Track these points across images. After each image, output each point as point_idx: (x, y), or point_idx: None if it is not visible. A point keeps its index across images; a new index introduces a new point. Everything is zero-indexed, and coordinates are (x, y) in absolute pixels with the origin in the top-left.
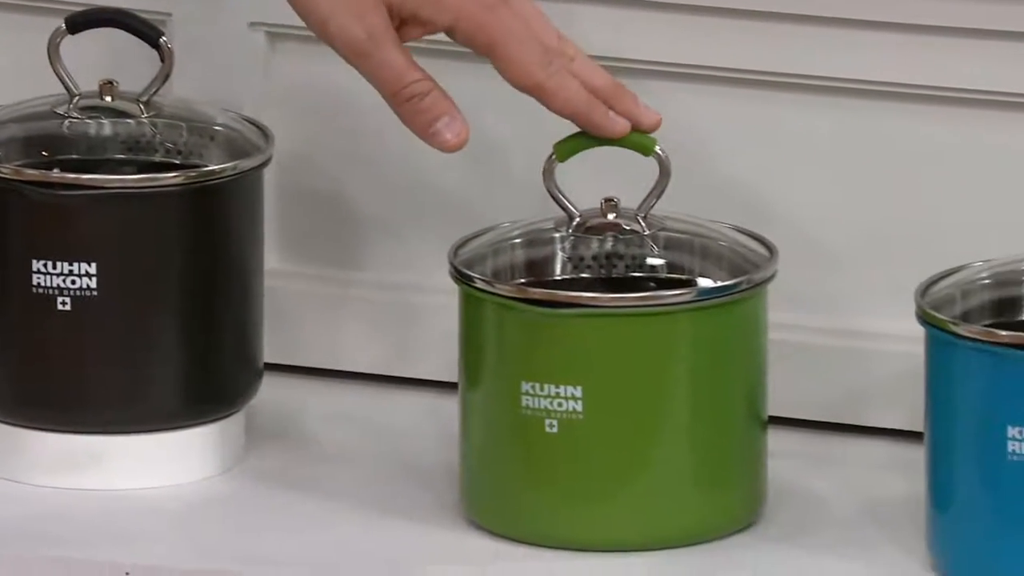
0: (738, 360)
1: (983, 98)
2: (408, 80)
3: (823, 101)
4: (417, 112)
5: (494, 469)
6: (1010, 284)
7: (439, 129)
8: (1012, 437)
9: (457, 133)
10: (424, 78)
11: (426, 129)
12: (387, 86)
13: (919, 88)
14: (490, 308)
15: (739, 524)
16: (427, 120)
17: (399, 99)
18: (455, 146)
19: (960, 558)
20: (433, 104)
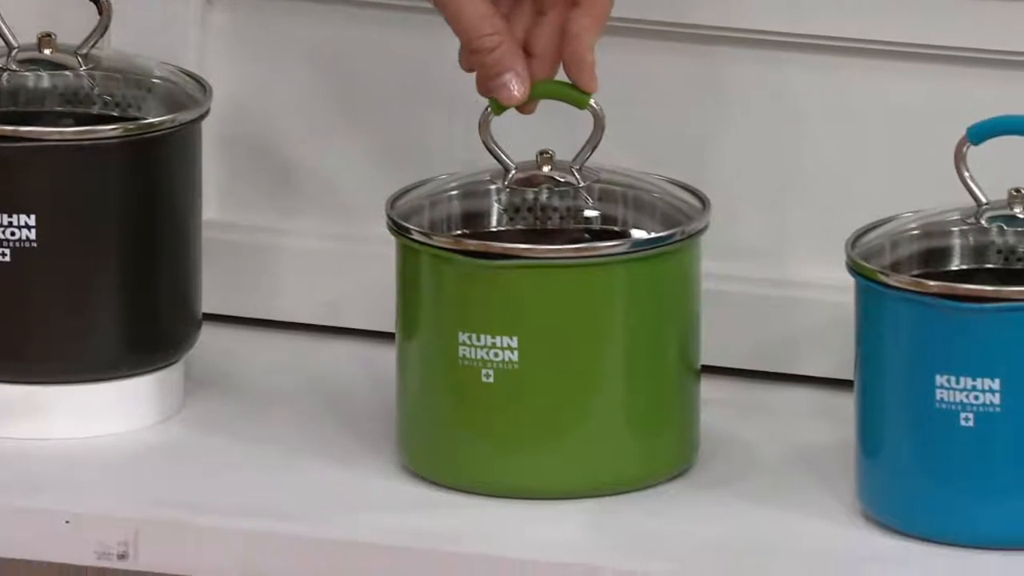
0: (672, 310)
1: (907, 51)
2: (481, 32)
3: (756, 55)
4: (483, 65)
5: (431, 418)
6: (939, 235)
7: (500, 84)
8: (940, 385)
9: (519, 89)
10: (496, 32)
11: (486, 83)
12: (462, 35)
13: (845, 41)
14: (427, 259)
15: (673, 471)
16: (490, 74)
17: (469, 49)
18: (514, 101)
19: (888, 503)
20: (500, 59)
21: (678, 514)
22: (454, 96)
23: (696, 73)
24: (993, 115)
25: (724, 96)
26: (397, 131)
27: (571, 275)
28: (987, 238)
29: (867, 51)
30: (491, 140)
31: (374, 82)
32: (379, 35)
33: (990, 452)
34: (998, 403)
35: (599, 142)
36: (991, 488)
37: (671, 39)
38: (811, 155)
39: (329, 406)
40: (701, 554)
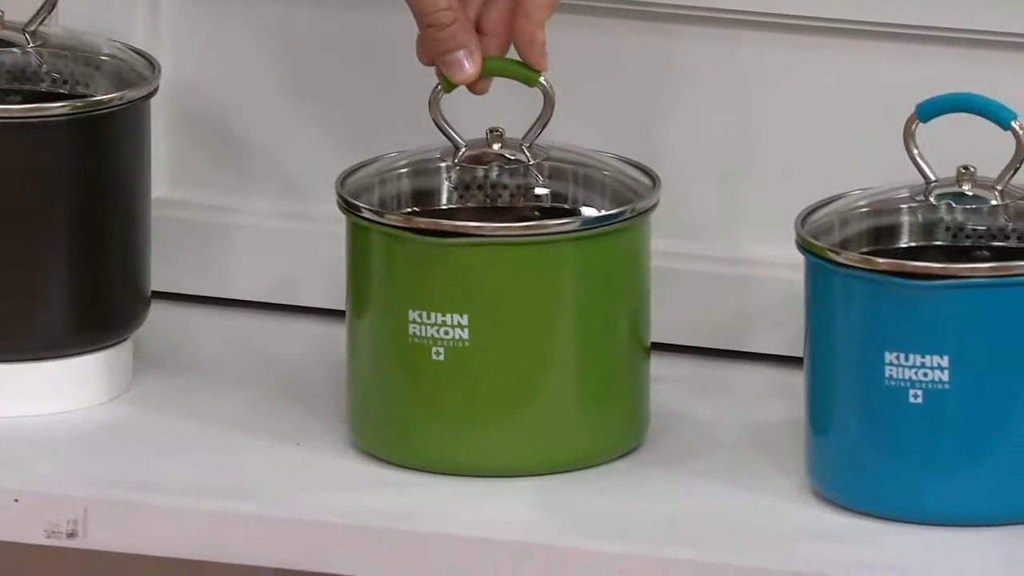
0: (622, 288)
1: (858, 28)
2: (435, 8)
3: (707, 32)
4: (435, 40)
5: (382, 397)
6: (888, 212)
7: (452, 61)
8: (889, 362)
9: (469, 68)
10: (449, 8)
11: (439, 58)
12: (418, 11)
13: (796, 19)
14: (377, 237)
15: (624, 449)
16: (442, 49)
17: (422, 25)
18: (464, 78)
19: (838, 480)
20: (453, 35)
21: (629, 491)
22: (404, 74)
23: (647, 51)
24: (942, 92)
25: (675, 74)
26: (347, 109)
27: (521, 253)
28: (936, 215)
29: (818, 28)
30: (441, 118)
31: (324, 60)
32: (330, 13)
33: (939, 429)
34: (947, 380)
35: (549, 120)
36: (940, 465)
37: (621, 16)
38: (762, 133)
39: (280, 384)
40: (651, 531)
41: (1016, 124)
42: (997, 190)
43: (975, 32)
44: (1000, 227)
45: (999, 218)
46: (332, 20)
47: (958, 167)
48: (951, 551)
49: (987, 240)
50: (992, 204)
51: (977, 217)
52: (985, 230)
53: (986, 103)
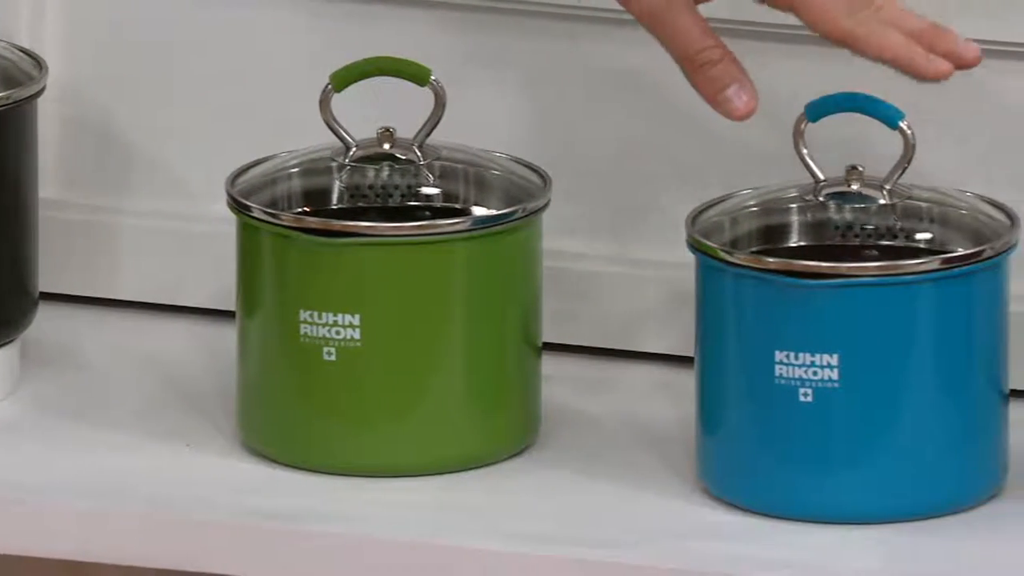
0: (513, 287)
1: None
2: (702, 46)
3: (596, 31)
4: (709, 80)
5: (273, 397)
6: (777, 212)
7: (728, 96)
8: (779, 361)
9: (746, 102)
10: (717, 44)
11: (715, 96)
12: (680, 50)
13: None
14: (268, 237)
15: (515, 448)
16: (718, 87)
17: (692, 64)
18: (743, 115)
19: (728, 479)
20: (724, 72)
21: (520, 491)
22: (294, 72)
23: (538, 50)
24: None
25: (564, 74)
26: (237, 109)
27: (412, 253)
28: (825, 215)
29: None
30: (331, 118)
31: (213, 60)
32: (217, 13)
33: (829, 428)
34: (836, 379)
35: (440, 119)
36: (830, 463)
37: (512, 15)
38: (652, 133)
39: (168, 385)
40: (543, 530)
41: (904, 124)
42: (885, 189)
43: None
44: (888, 226)
45: (887, 217)
46: (220, 18)
47: (847, 167)
48: (839, 549)
49: (876, 239)
50: (880, 203)
51: (865, 216)
52: (873, 229)
53: (874, 103)
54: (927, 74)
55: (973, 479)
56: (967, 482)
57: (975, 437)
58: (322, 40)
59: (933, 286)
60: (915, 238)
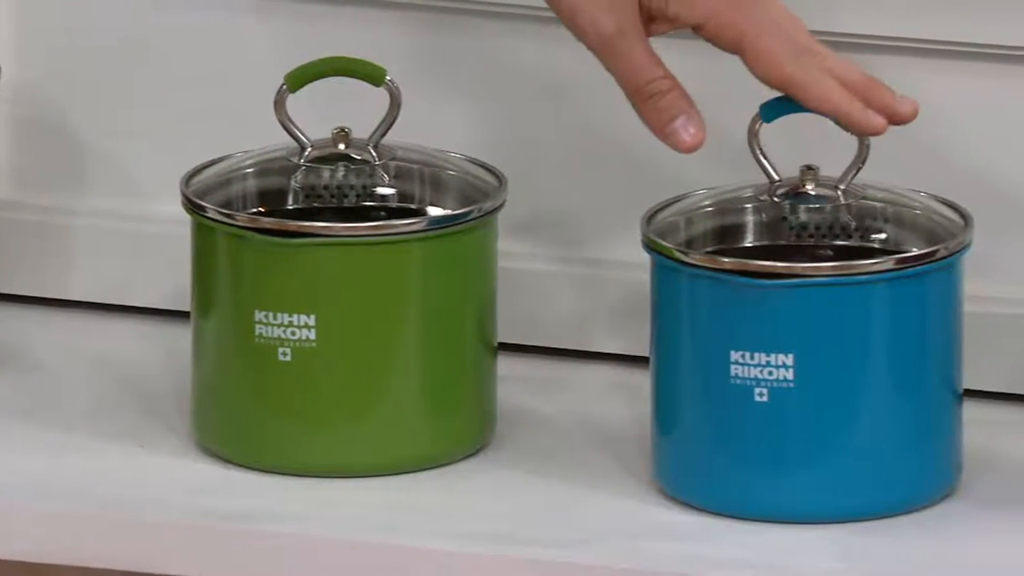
0: (469, 288)
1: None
2: (650, 77)
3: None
4: (656, 111)
5: (227, 397)
6: (732, 212)
7: (676, 128)
8: (734, 361)
9: (693, 135)
10: (666, 76)
11: (663, 128)
12: (629, 82)
13: None
14: (223, 238)
15: (470, 448)
16: (665, 120)
17: (640, 96)
18: (691, 147)
19: (683, 479)
20: (672, 103)
21: (475, 491)
22: (248, 73)
23: (493, 50)
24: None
25: (520, 74)
26: (191, 109)
27: (368, 253)
28: (780, 214)
29: None
30: (286, 118)
31: (167, 61)
32: (171, 14)
33: (784, 427)
34: (791, 379)
35: (395, 120)
36: (785, 463)
37: (467, 15)
38: (607, 133)
39: (122, 386)
40: (498, 530)
41: None
42: (840, 189)
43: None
44: (843, 226)
45: (842, 217)
46: (175, 20)
47: (801, 167)
48: (795, 549)
49: (830, 239)
50: (835, 204)
51: (820, 216)
52: (828, 229)
53: None
54: (863, 129)
55: (927, 479)
56: (921, 481)
57: (929, 437)
58: (277, 41)
59: (887, 286)
60: (870, 238)
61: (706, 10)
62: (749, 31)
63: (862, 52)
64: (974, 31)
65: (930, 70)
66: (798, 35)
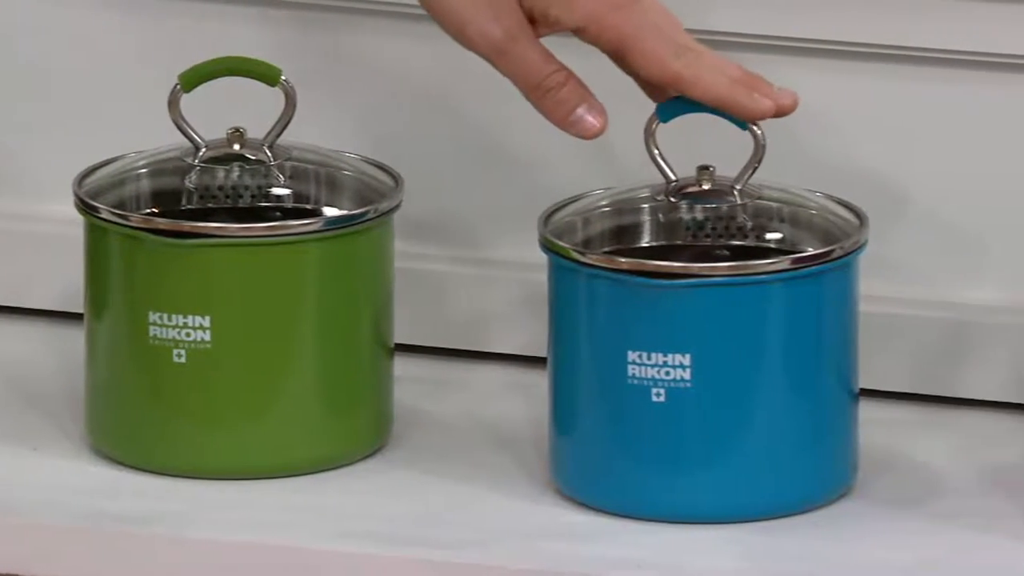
0: (365, 288)
1: None
2: (544, 74)
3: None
4: (556, 104)
5: (121, 399)
6: (630, 212)
7: (578, 117)
8: (632, 361)
9: (595, 120)
10: (559, 69)
11: (565, 119)
12: (525, 82)
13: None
14: (116, 239)
15: (368, 449)
16: (566, 111)
17: (538, 93)
18: (596, 132)
19: (581, 479)
20: (570, 95)
21: (372, 492)
22: (144, 73)
23: (391, 50)
24: None
25: (416, 74)
26: (85, 109)
27: (263, 254)
28: (676, 215)
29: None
30: (181, 118)
31: (61, 59)
32: (64, 11)
33: (681, 427)
34: (689, 379)
35: (290, 120)
36: (682, 463)
37: (366, 15)
38: (504, 132)
39: (13, 388)
40: (395, 531)
41: (754, 124)
42: (736, 189)
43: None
44: (739, 226)
45: (738, 217)
46: (68, 17)
47: (698, 167)
48: (691, 548)
49: (727, 239)
50: (731, 203)
51: (716, 216)
52: (725, 229)
53: None
54: (752, 113)
55: (824, 478)
56: (818, 481)
57: (826, 436)
58: (172, 40)
59: (783, 286)
60: (766, 238)
61: (586, 13)
62: (630, 33)
63: (744, 51)
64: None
65: (823, 70)
66: (677, 35)
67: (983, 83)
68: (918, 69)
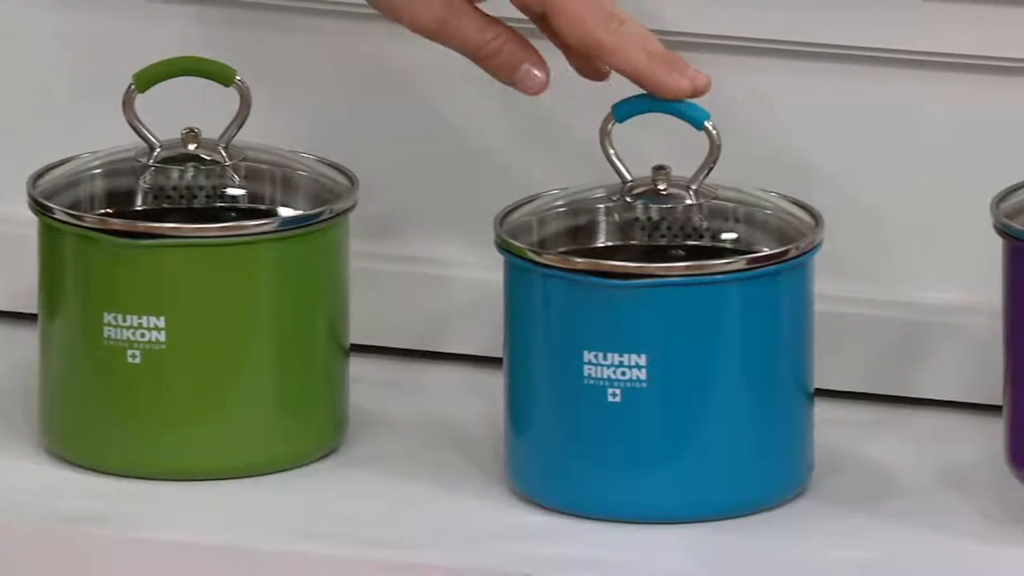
0: (321, 289)
1: None
2: (484, 40)
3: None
4: (500, 67)
5: (76, 400)
6: (585, 212)
7: (522, 75)
8: (588, 362)
9: (539, 76)
10: (496, 36)
11: (510, 78)
12: (467, 52)
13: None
14: (71, 239)
15: (323, 450)
16: (509, 71)
17: (480, 60)
18: (539, 87)
19: (538, 479)
20: (510, 57)
21: (328, 492)
22: (98, 73)
23: (343, 50)
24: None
25: (371, 74)
26: (38, 109)
27: (218, 254)
28: (632, 215)
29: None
30: (135, 118)
31: (12, 60)
32: (18, 11)
33: (637, 428)
34: (644, 379)
35: (246, 119)
36: (638, 463)
37: (321, 16)
38: (459, 133)
39: None
40: (350, 532)
41: (709, 124)
42: (692, 189)
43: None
44: (695, 226)
45: (693, 217)
46: (21, 16)
47: (653, 167)
48: (648, 548)
49: (682, 239)
50: (687, 203)
51: (672, 216)
52: (680, 229)
53: (679, 104)
54: (667, 90)
55: (779, 478)
56: (773, 481)
57: (781, 436)
58: (127, 40)
59: (739, 286)
60: (721, 238)
61: None
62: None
63: (698, 51)
64: (821, 32)
65: (776, 70)
66: (605, 1)
67: (938, 84)
68: (874, 70)
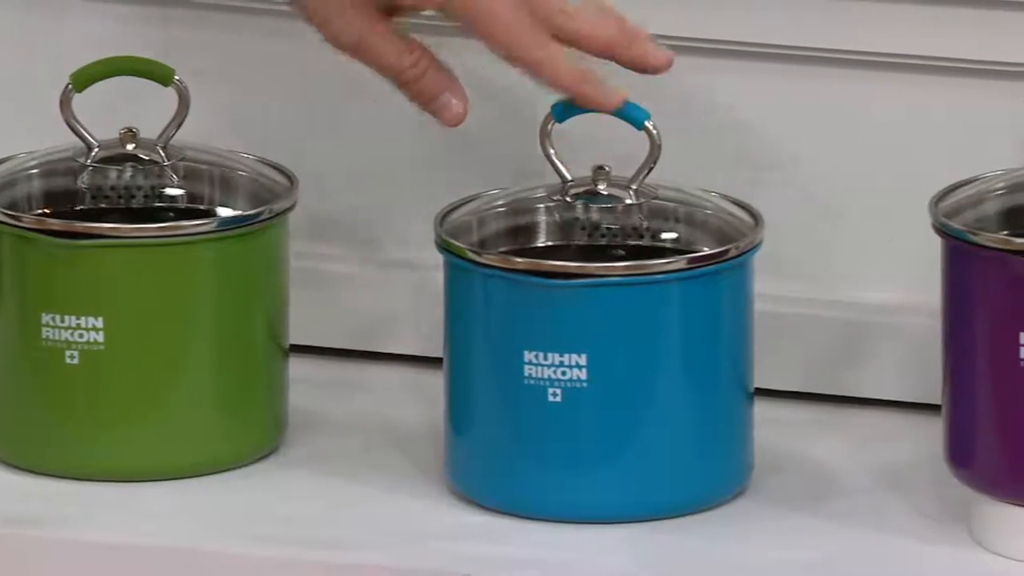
0: (260, 289)
1: None
2: (403, 66)
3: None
4: (419, 93)
5: (13, 401)
6: (525, 212)
7: (441, 105)
8: (528, 361)
9: (456, 106)
10: (415, 63)
11: (429, 106)
12: (387, 75)
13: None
14: (8, 240)
15: (262, 451)
16: (428, 99)
17: (400, 85)
18: (457, 119)
19: (478, 479)
20: (429, 85)
21: (267, 493)
22: (35, 73)
23: (283, 50)
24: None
25: (311, 74)
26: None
27: (156, 255)
28: (572, 214)
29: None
30: (73, 118)
31: None
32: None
33: (578, 427)
34: (585, 378)
35: (184, 119)
36: (579, 463)
37: (260, 15)
38: (399, 133)
39: None
40: (289, 533)
41: (650, 124)
42: (632, 189)
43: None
44: (635, 226)
45: (633, 217)
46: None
47: (593, 167)
48: (588, 548)
49: (622, 239)
50: (627, 203)
51: (612, 216)
52: (620, 229)
53: None
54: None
55: (719, 478)
56: (713, 481)
57: (721, 436)
58: (65, 39)
59: (679, 286)
60: (661, 238)
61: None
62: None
63: None
64: (762, 31)
65: (717, 70)
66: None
67: (878, 85)
68: (815, 69)
